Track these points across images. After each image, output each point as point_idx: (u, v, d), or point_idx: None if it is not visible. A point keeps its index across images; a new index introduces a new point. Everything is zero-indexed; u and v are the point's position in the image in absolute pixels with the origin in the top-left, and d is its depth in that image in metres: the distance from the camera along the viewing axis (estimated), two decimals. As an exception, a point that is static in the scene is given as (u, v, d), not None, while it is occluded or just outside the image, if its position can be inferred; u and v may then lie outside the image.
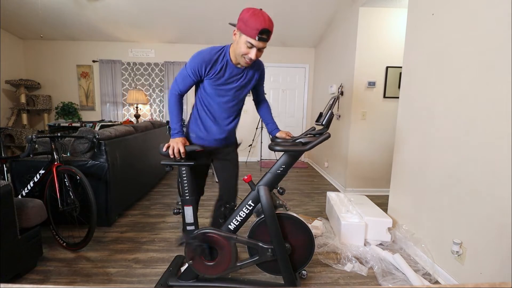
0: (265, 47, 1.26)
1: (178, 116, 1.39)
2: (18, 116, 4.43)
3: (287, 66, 4.88)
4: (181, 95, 1.41)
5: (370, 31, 2.94)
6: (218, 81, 1.35)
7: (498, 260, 1.25)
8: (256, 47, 1.22)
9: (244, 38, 1.21)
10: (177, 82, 1.38)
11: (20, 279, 1.51)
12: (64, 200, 1.81)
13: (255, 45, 1.21)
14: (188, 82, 1.37)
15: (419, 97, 1.87)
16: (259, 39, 1.19)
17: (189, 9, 3.62)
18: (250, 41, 1.20)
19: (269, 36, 1.22)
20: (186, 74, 1.34)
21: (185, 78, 1.36)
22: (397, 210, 2.12)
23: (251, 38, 1.19)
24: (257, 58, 1.28)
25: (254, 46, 1.22)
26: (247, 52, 1.24)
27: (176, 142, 1.33)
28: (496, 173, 1.27)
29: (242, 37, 1.22)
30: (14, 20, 3.91)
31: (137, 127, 2.77)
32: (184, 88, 1.38)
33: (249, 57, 1.26)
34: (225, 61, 1.33)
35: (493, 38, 1.31)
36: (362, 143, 3.13)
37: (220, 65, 1.33)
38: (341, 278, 1.59)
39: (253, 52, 1.23)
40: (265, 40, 1.21)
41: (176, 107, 1.39)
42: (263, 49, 1.28)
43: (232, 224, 1.38)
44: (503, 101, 1.25)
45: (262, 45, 1.23)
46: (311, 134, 1.38)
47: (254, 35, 1.18)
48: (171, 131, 1.38)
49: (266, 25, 1.17)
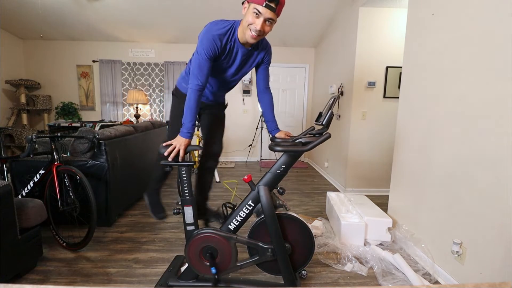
0: (272, 18, 1.19)
1: (195, 115, 1.31)
2: (18, 116, 4.43)
3: (287, 66, 4.88)
4: (203, 89, 1.31)
5: (370, 31, 2.94)
6: (225, 59, 1.35)
7: (498, 260, 1.25)
8: (263, 16, 1.16)
9: (252, 6, 1.17)
10: (195, 76, 1.28)
11: (20, 279, 1.51)
12: (64, 200, 1.81)
13: (262, 13, 1.15)
14: (207, 69, 1.28)
15: (419, 97, 1.87)
16: (266, 6, 1.13)
17: (189, 9, 3.62)
18: (257, 7, 1.15)
19: (278, 7, 1.16)
20: (201, 60, 1.27)
21: (202, 66, 1.27)
22: (397, 210, 2.12)
23: (258, 4, 1.14)
24: (263, 30, 1.21)
25: (261, 14, 1.16)
26: (254, 21, 1.18)
27: (181, 144, 1.28)
28: (496, 173, 1.27)
29: (250, 5, 1.18)
30: (14, 20, 3.91)
31: (137, 127, 2.77)
32: (204, 79, 1.29)
33: (254, 27, 1.19)
34: (233, 40, 1.30)
35: (493, 38, 1.31)
36: (362, 143, 3.12)
37: (229, 45, 1.31)
38: (341, 278, 1.59)
39: (260, 21, 1.17)
40: (273, 9, 1.14)
41: (196, 104, 1.29)
42: (271, 23, 1.21)
43: (232, 224, 1.38)
44: (503, 101, 1.24)
45: (269, 15, 1.16)
46: (311, 134, 1.38)
47: (262, 2, 1.12)
48: (182, 128, 1.30)
49: None
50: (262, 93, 1.58)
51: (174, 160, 1.34)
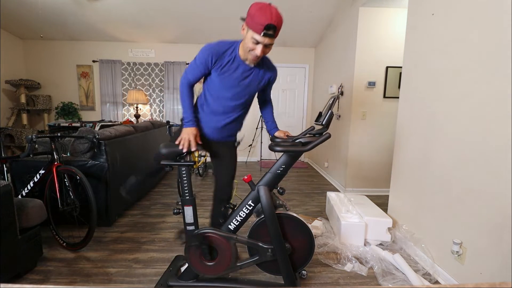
0: (272, 43, 1.22)
1: (190, 104, 1.39)
2: (18, 116, 4.43)
3: (287, 66, 4.88)
4: (191, 85, 1.40)
5: (370, 31, 2.94)
6: (224, 74, 1.34)
7: (498, 260, 1.25)
8: (261, 43, 1.19)
9: (250, 34, 1.18)
10: (186, 72, 1.38)
11: (20, 279, 1.51)
12: (64, 200, 1.81)
13: (260, 41, 1.18)
14: (197, 73, 1.36)
15: (419, 97, 1.87)
16: (265, 34, 1.15)
17: (189, 9, 3.62)
18: (255, 37, 1.17)
19: (276, 32, 1.18)
20: (195, 65, 1.34)
21: (194, 69, 1.36)
22: (397, 210, 2.12)
23: (256, 33, 1.16)
24: (264, 54, 1.24)
25: (259, 42, 1.18)
26: (253, 48, 1.21)
27: (188, 134, 1.32)
28: (496, 173, 1.27)
29: (249, 32, 1.19)
30: (14, 20, 3.91)
31: (137, 127, 2.77)
32: (193, 78, 1.38)
33: (254, 53, 1.23)
34: (233, 55, 1.31)
35: (493, 37, 1.31)
36: (362, 143, 3.12)
37: (228, 59, 1.31)
38: (341, 278, 1.59)
39: (259, 48, 1.20)
40: (271, 36, 1.16)
41: (187, 95, 1.39)
42: (270, 46, 1.24)
43: (232, 224, 1.38)
44: (503, 101, 1.24)
45: (268, 41, 1.19)
46: (311, 134, 1.38)
47: (260, 31, 1.14)
48: (183, 120, 1.38)
49: (272, 21, 1.13)
50: (264, 103, 1.67)
51: (175, 160, 1.34)
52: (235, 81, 1.36)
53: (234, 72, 1.34)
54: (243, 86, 1.39)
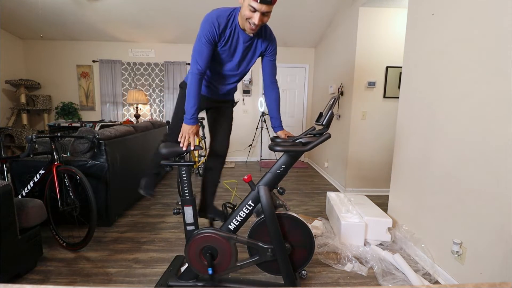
0: (269, 11, 1.17)
1: (196, 99, 1.30)
2: (18, 116, 4.43)
3: (287, 66, 4.88)
4: (202, 74, 1.31)
5: (370, 31, 2.94)
6: (226, 46, 1.32)
7: (498, 260, 1.25)
8: (259, 11, 1.14)
9: (247, 1, 1.14)
10: (195, 60, 1.29)
11: (20, 279, 1.51)
12: (64, 200, 1.81)
13: (257, 9, 1.13)
14: (206, 54, 1.28)
15: (419, 97, 1.87)
16: (262, 1, 1.10)
17: (189, 9, 3.62)
18: (252, 4, 1.12)
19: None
20: (201, 44, 1.27)
21: (201, 51, 1.27)
22: (397, 210, 2.12)
23: (253, 0, 1.12)
24: (261, 22, 1.20)
25: (257, 10, 1.14)
26: (251, 16, 1.17)
27: (189, 132, 1.28)
28: (496, 173, 1.27)
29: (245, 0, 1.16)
30: (14, 20, 3.91)
31: (137, 127, 2.77)
32: (203, 64, 1.29)
33: (252, 22, 1.18)
34: (233, 26, 1.28)
35: (493, 37, 1.31)
36: (362, 143, 3.12)
37: (229, 30, 1.29)
38: (341, 278, 1.59)
39: (257, 16, 1.15)
40: (268, 2, 1.12)
41: (195, 88, 1.29)
42: (268, 14, 1.19)
43: (232, 224, 1.38)
44: (503, 101, 1.24)
45: (265, 8, 1.14)
46: (311, 134, 1.38)
47: None
48: (185, 115, 1.31)
49: None
50: (268, 87, 1.56)
51: (175, 160, 1.34)
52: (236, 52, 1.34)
53: (235, 43, 1.31)
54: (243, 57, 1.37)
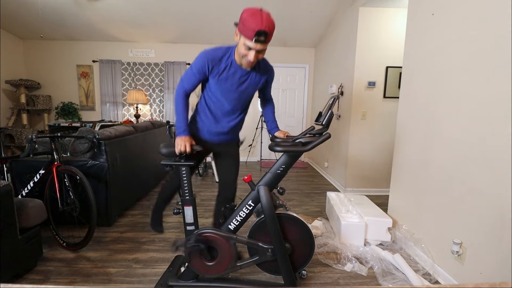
0: (264, 48, 1.22)
1: (184, 114, 1.39)
2: (18, 116, 4.43)
3: (287, 66, 4.87)
4: (187, 94, 1.40)
5: (370, 31, 2.94)
6: (221, 80, 1.35)
7: (498, 260, 1.25)
8: (254, 49, 1.19)
9: (242, 40, 1.19)
10: (182, 81, 1.38)
11: (20, 279, 1.51)
12: (64, 200, 1.81)
13: (252, 47, 1.18)
14: (193, 81, 1.36)
15: (419, 97, 1.87)
16: (256, 41, 1.15)
17: (189, 9, 3.62)
18: (247, 43, 1.18)
19: (268, 38, 1.18)
20: (191, 73, 1.35)
21: (190, 77, 1.36)
22: (397, 210, 2.12)
23: (248, 39, 1.16)
24: (257, 59, 1.25)
25: (252, 48, 1.19)
26: (246, 53, 1.22)
27: (182, 141, 1.32)
28: (496, 173, 1.27)
29: (241, 38, 1.20)
30: (14, 20, 3.91)
31: (137, 127, 2.77)
32: (189, 87, 1.38)
33: (247, 59, 1.24)
34: (229, 61, 1.32)
35: (493, 37, 1.31)
36: (362, 143, 3.13)
37: (224, 65, 1.32)
38: (341, 278, 1.59)
39: (252, 54, 1.21)
40: (262, 41, 1.17)
41: (182, 105, 1.38)
42: (263, 51, 1.25)
43: (232, 224, 1.38)
44: (503, 101, 1.25)
45: (260, 47, 1.19)
46: (311, 134, 1.38)
47: (251, 37, 1.14)
48: (176, 130, 1.38)
49: (263, 27, 1.12)
50: (265, 102, 1.68)
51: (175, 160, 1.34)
52: (233, 86, 1.37)
53: (231, 77, 1.35)
54: (241, 90, 1.40)
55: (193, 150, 1.34)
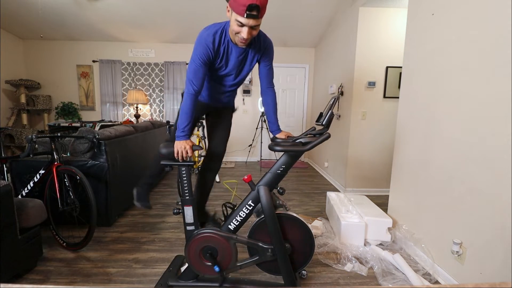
0: (257, 24, 1.15)
1: (190, 118, 1.30)
2: (18, 116, 4.43)
3: (287, 66, 4.88)
4: (198, 94, 1.32)
5: (370, 31, 2.94)
6: (221, 60, 1.33)
7: (498, 260, 1.25)
8: (246, 25, 1.12)
9: (234, 16, 1.12)
10: (190, 81, 1.29)
11: (20, 279, 1.51)
12: (64, 200, 1.81)
13: (244, 23, 1.11)
14: (201, 74, 1.28)
15: (419, 97, 1.87)
16: (248, 16, 1.08)
17: (189, 9, 3.62)
18: (239, 19, 1.11)
19: (261, 12, 1.10)
20: (196, 66, 1.27)
21: (197, 71, 1.27)
22: (397, 210, 2.12)
23: (239, 15, 1.09)
24: (250, 36, 1.18)
25: (244, 25, 1.12)
26: (239, 30, 1.15)
27: (182, 145, 1.27)
28: (496, 173, 1.27)
29: (233, 14, 1.13)
30: (14, 20, 3.91)
31: (137, 127, 2.77)
32: (199, 84, 1.29)
33: (241, 36, 1.17)
34: (226, 42, 1.28)
35: (493, 37, 1.31)
36: (362, 143, 3.12)
37: (223, 47, 1.29)
38: (341, 278, 1.59)
39: (245, 30, 1.14)
40: (255, 16, 1.09)
41: (191, 108, 1.29)
42: (257, 27, 1.17)
43: (232, 224, 1.38)
44: (503, 101, 1.24)
45: (252, 23, 1.11)
46: (311, 134, 1.38)
47: (242, 12, 1.07)
48: (177, 132, 1.30)
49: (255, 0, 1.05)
50: (264, 92, 1.56)
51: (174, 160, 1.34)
52: (231, 66, 1.37)
53: (229, 58, 1.33)
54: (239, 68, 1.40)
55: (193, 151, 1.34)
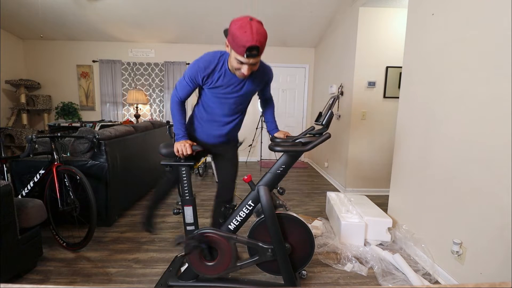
0: (257, 61, 1.17)
1: (181, 121, 1.39)
2: (18, 116, 4.43)
3: (287, 66, 4.87)
4: (182, 102, 1.41)
5: (370, 31, 2.94)
6: (216, 89, 1.33)
7: (498, 260, 1.25)
8: (246, 64, 1.14)
9: (234, 54, 1.14)
10: (177, 90, 1.37)
11: (20, 279, 1.51)
12: (64, 200, 1.81)
13: (244, 62, 1.14)
14: (187, 90, 1.36)
15: (419, 97, 1.87)
16: (248, 56, 1.09)
17: (189, 9, 3.62)
18: (239, 58, 1.13)
19: (260, 51, 1.12)
20: (185, 82, 1.33)
21: (184, 87, 1.35)
22: (397, 210, 2.12)
23: (239, 55, 1.11)
24: (251, 71, 1.20)
25: (244, 63, 1.14)
26: (239, 67, 1.18)
27: (182, 144, 1.31)
28: (496, 173, 1.27)
29: (232, 52, 1.15)
30: (14, 20, 3.91)
31: (137, 127, 2.77)
32: (183, 95, 1.38)
33: (241, 73, 1.20)
34: (223, 70, 1.28)
35: (493, 37, 1.31)
36: (362, 143, 3.13)
37: (218, 74, 1.28)
38: (341, 278, 1.59)
39: (245, 68, 1.16)
40: (254, 56, 1.11)
41: (178, 113, 1.39)
42: (257, 63, 1.20)
43: (232, 224, 1.38)
44: (503, 101, 1.24)
45: (252, 61, 1.14)
46: (311, 134, 1.38)
47: (242, 53, 1.09)
48: (175, 136, 1.38)
49: (254, 41, 1.05)
50: (265, 102, 1.67)
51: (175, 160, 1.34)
52: (228, 95, 1.34)
53: (226, 86, 1.31)
54: (237, 98, 1.37)
55: (193, 151, 1.33)
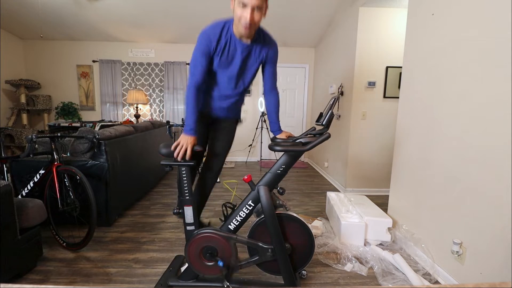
0: (260, 6, 1.14)
1: (195, 111, 1.33)
2: (18, 116, 4.43)
3: (287, 66, 4.88)
4: (199, 87, 1.35)
5: (370, 31, 2.94)
6: (223, 56, 1.32)
7: (498, 260, 1.25)
8: (249, 6, 1.12)
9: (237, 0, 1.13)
10: (192, 74, 1.33)
11: (20, 279, 1.51)
12: (64, 200, 1.81)
13: (247, 3, 1.11)
14: (201, 67, 1.31)
15: (419, 97, 1.87)
16: None
17: (189, 9, 3.62)
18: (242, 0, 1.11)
19: None
20: (197, 56, 1.29)
21: (196, 65, 1.30)
22: (397, 210, 2.12)
23: None
24: (254, 21, 1.18)
25: (247, 5, 1.12)
26: (242, 14, 1.15)
27: (186, 141, 1.29)
28: (496, 173, 1.27)
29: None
30: (14, 20, 3.91)
31: (137, 127, 2.77)
32: (200, 77, 1.32)
33: (244, 20, 1.16)
34: (228, 35, 1.28)
35: (493, 37, 1.31)
36: (362, 143, 3.13)
37: (224, 40, 1.28)
38: (341, 278, 1.59)
39: (248, 12, 1.13)
40: None
41: (193, 100, 1.32)
42: (260, 10, 1.17)
43: (232, 224, 1.38)
44: (503, 101, 1.25)
45: (255, 2, 1.11)
46: (311, 134, 1.38)
47: None
48: (185, 126, 1.33)
49: None
50: (268, 94, 1.59)
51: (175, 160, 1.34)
52: (234, 63, 1.34)
53: (232, 53, 1.31)
54: (242, 67, 1.36)
55: (193, 151, 1.33)
